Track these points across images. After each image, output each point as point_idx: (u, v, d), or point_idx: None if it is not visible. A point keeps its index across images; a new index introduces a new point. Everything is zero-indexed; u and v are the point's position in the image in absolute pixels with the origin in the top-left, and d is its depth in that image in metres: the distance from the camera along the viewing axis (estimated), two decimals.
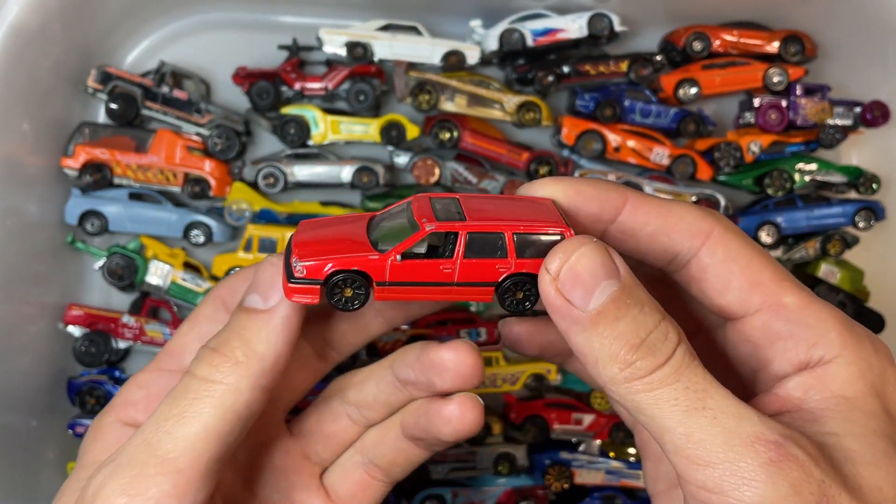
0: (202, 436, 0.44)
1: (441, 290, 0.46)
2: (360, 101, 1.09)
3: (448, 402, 0.52)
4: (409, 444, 0.57)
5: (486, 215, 0.45)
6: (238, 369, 0.45)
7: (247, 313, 0.47)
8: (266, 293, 0.47)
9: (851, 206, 1.17)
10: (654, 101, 1.15)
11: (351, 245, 0.45)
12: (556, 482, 1.16)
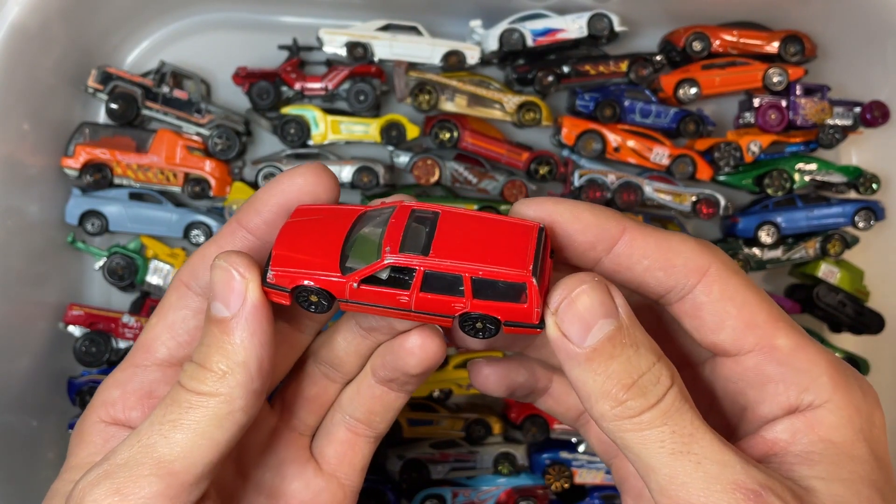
0: (198, 442, 0.45)
1: (399, 314, 0.47)
2: (360, 102, 1.09)
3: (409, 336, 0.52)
4: (382, 389, 0.57)
5: (449, 251, 0.45)
6: (226, 380, 0.46)
7: (216, 324, 0.47)
8: (226, 300, 0.46)
9: (851, 206, 1.17)
10: (654, 101, 1.15)
11: (322, 258, 0.46)
12: (556, 482, 1.16)
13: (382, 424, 0.60)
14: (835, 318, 1.18)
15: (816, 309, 1.17)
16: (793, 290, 1.23)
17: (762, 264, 1.17)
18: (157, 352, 0.52)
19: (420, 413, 1.16)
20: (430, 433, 1.16)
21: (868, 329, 1.19)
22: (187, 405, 0.45)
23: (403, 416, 1.15)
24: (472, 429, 1.15)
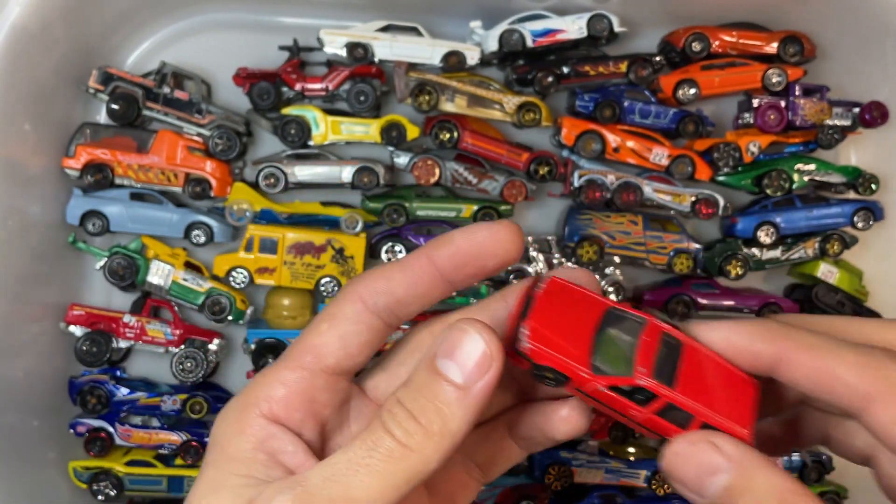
0: (387, 491, 0.46)
1: (622, 419, 0.50)
2: (360, 102, 1.10)
3: (563, 406, 0.54)
4: (512, 443, 0.57)
5: (690, 390, 0.47)
6: (431, 442, 0.46)
7: (443, 383, 0.47)
8: (464, 367, 0.47)
9: (850, 207, 1.17)
10: (654, 101, 1.15)
11: (574, 347, 0.48)
12: (556, 481, 1.16)
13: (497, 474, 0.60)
14: None
15: (815, 309, 1.17)
16: (792, 290, 1.23)
17: (761, 264, 1.18)
18: (326, 359, 0.52)
19: None
20: None
21: None
22: (388, 454, 0.46)
23: None
24: None
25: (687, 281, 1.19)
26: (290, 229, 1.11)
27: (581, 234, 1.15)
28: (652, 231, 1.16)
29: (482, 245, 0.51)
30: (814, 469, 1.21)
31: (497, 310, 0.53)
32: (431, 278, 0.51)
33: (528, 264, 1.14)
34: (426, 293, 0.52)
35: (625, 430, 1.17)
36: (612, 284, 1.14)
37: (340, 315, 0.52)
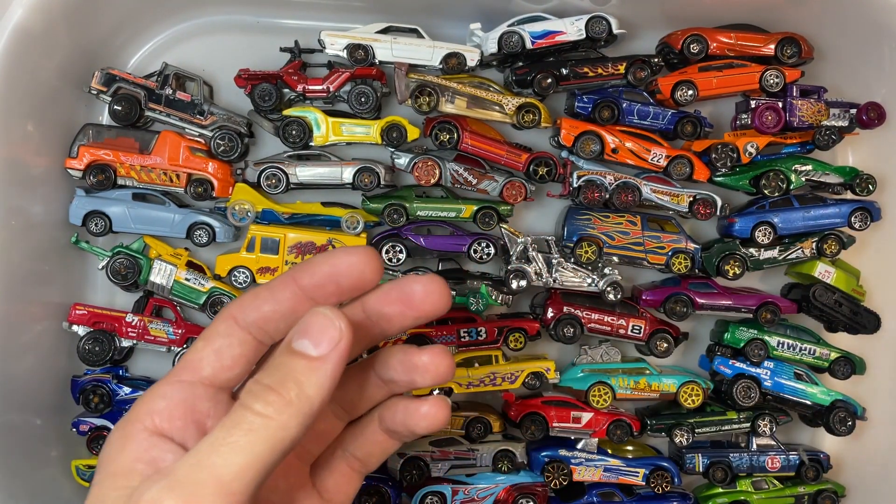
0: (253, 464, 0.48)
1: None
2: (361, 103, 1.10)
3: (424, 403, 0.60)
4: (384, 436, 0.64)
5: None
6: (290, 408, 0.50)
7: (299, 358, 0.51)
8: (318, 342, 0.51)
9: (847, 207, 1.18)
10: (652, 102, 1.16)
11: None
12: (555, 479, 1.17)
13: (376, 464, 0.66)
14: (831, 318, 1.19)
15: (813, 308, 1.18)
16: (789, 290, 1.24)
17: (759, 264, 1.18)
18: (202, 371, 0.56)
19: None
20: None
21: (864, 328, 1.20)
22: (248, 427, 0.49)
23: None
24: (471, 427, 1.16)
25: (685, 280, 1.20)
26: (291, 229, 1.12)
27: (580, 234, 1.15)
28: (650, 231, 1.17)
29: (339, 268, 0.56)
30: (811, 468, 1.21)
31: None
32: (294, 296, 0.57)
33: (528, 264, 1.14)
34: (291, 310, 0.56)
35: (624, 428, 1.18)
36: (611, 284, 1.15)
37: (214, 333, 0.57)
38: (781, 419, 1.22)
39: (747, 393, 1.19)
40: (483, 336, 1.16)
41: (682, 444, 1.20)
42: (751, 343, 1.19)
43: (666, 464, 1.20)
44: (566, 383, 1.19)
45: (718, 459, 1.20)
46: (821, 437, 1.26)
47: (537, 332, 1.17)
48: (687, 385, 1.18)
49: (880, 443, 1.23)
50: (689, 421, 1.20)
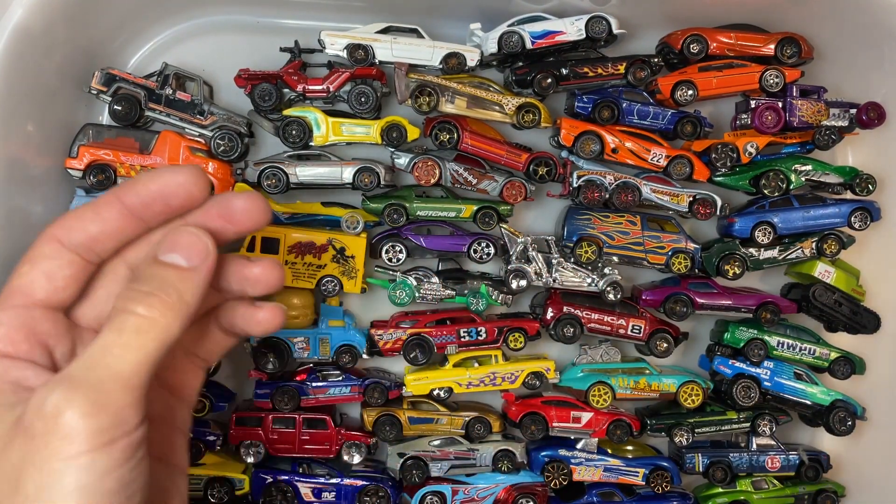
0: (146, 360, 0.53)
1: None
2: (361, 103, 1.10)
3: (260, 309, 0.65)
4: (223, 335, 0.68)
5: None
6: (172, 311, 0.56)
7: (171, 269, 0.57)
8: (189, 256, 0.58)
9: (847, 207, 1.18)
10: (652, 102, 1.16)
11: None
12: (555, 479, 1.17)
13: (216, 359, 0.74)
14: (831, 318, 1.19)
15: (813, 308, 1.18)
16: (789, 290, 1.24)
17: (759, 264, 1.19)
18: (35, 294, 0.59)
19: (420, 411, 1.18)
20: (430, 431, 1.17)
21: (864, 328, 1.20)
22: (135, 329, 0.54)
23: (404, 414, 1.16)
24: (471, 427, 1.16)
25: (685, 280, 1.20)
26: (291, 229, 1.12)
27: (580, 233, 1.15)
28: (650, 231, 1.17)
29: (166, 185, 0.60)
30: (811, 467, 1.21)
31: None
32: (121, 216, 0.60)
33: (528, 264, 1.14)
34: (118, 229, 0.60)
35: (624, 428, 1.18)
36: (611, 284, 1.15)
37: (40, 255, 0.59)
38: (781, 419, 1.22)
39: (747, 393, 1.19)
40: (483, 336, 1.16)
41: (682, 443, 1.20)
42: (751, 343, 1.19)
43: (666, 464, 1.20)
44: (566, 383, 1.19)
45: (718, 459, 1.20)
46: (821, 437, 1.26)
47: (537, 332, 1.17)
48: (687, 385, 1.19)
49: (880, 443, 1.23)
50: (689, 421, 1.20)
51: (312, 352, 1.14)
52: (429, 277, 1.15)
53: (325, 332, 1.14)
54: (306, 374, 1.15)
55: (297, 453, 1.15)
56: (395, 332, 1.15)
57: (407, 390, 1.15)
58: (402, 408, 1.17)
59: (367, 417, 1.16)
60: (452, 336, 1.16)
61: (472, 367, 1.17)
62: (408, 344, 1.15)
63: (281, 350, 1.13)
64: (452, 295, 1.16)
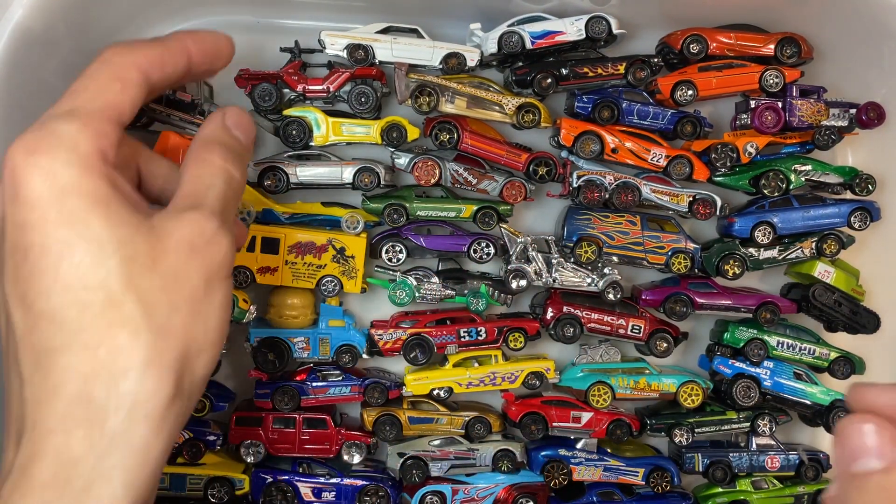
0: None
1: None
2: (361, 103, 1.10)
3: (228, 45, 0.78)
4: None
5: None
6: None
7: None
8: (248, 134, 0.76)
9: (847, 207, 1.18)
10: (652, 102, 1.16)
11: None
12: (555, 479, 1.17)
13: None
14: (831, 318, 1.19)
15: (813, 308, 1.18)
16: (789, 290, 1.24)
17: (759, 264, 1.19)
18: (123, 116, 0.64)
19: (420, 411, 1.18)
20: (430, 431, 1.17)
21: (864, 328, 1.20)
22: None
23: (404, 414, 1.17)
24: (471, 427, 1.16)
25: (685, 280, 1.20)
26: (291, 229, 1.12)
27: (580, 234, 1.16)
28: (650, 231, 1.17)
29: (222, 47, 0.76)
30: (811, 467, 1.22)
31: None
32: (184, 59, 0.70)
33: (528, 264, 1.14)
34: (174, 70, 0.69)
35: (623, 428, 1.18)
36: (611, 284, 1.15)
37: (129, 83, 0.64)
38: (781, 419, 1.22)
39: (747, 393, 1.19)
40: (483, 336, 1.17)
41: (682, 443, 1.20)
42: (750, 343, 1.19)
43: (666, 463, 1.20)
44: (566, 383, 1.19)
45: (718, 459, 1.21)
46: (821, 437, 1.26)
47: (537, 332, 1.17)
48: (687, 385, 1.19)
49: None
50: (688, 421, 1.20)
51: (312, 352, 1.14)
52: (429, 277, 1.16)
53: (325, 332, 1.14)
54: (306, 374, 1.15)
55: (297, 453, 1.15)
56: (395, 332, 1.15)
57: (407, 390, 1.15)
58: (402, 408, 1.17)
59: (367, 417, 1.16)
60: (452, 336, 1.16)
61: (472, 367, 1.17)
62: (408, 344, 1.15)
63: (281, 350, 1.13)
64: (452, 295, 1.16)
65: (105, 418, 0.54)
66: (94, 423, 0.54)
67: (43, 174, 0.55)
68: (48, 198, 0.55)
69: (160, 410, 0.56)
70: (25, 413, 0.55)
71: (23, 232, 0.56)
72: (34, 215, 0.55)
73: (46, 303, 0.55)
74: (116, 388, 0.54)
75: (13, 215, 0.56)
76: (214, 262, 0.62)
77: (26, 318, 0.55)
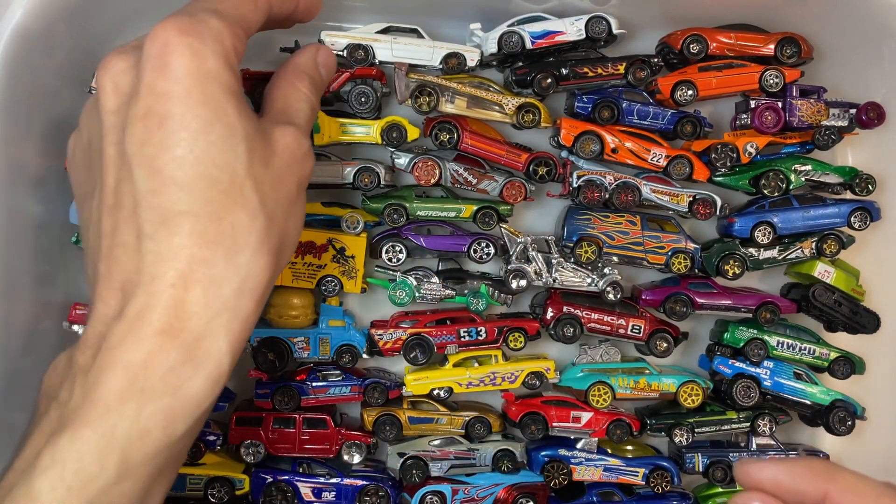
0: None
1: None
2: (361, 103, 1.10)
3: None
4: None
5: None
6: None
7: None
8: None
9: (847, 207, 1.18)
10: (652, 102, 1.16)
11: None
12: (555, 479, 1.17)
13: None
14: (831, 318, 1.19)
15: (813, 308, 1.18)
16: (789, 290, 1.24)
17: (759, 264, 1.19)
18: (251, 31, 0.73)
19: (420, 411, 1.18)
20: (430, 431, 1.17)
21: (864, 328, 1.20)
22: None
23: (404, 414, 1.17)
24: (471, 427, 1.16)
25: (685, 280, 1.20)
26: None
27: (580, 234, 1.16)
28: (650, 231, 1.17)
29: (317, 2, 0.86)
30: None
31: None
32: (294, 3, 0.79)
33: (528, 264, 1.14)
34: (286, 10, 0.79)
35: (623, 427, 1.18)
36: (611, 284, 1.15)
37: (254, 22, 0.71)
38: (781, 419, 1.22)
39: (747, 392, 1.19)
40: (483, 336, 1.17)
41: (682, 443, 1.20)
42: (750, 343, 1.19)
43: (666, 463, 1.20)
44: (566, 383, 1.19)
45: (718, 459, 1.21)
46: (821, 437, 1.26)
47: (537, 332, 1.17)
48: (687, 385, 1.19)
49: (880, 443, 1.23)
50: (688, 421, 1.20)
51: (312, 352, 1.14)
52: (429, 277, 1.16)
53: (325, 332, 1.14)
54: (306, 374, 1.15)
55: (297, 453, 1.15)
56: (395, 332, 1.15)
57: (407, 390, 1.15)
58: (402, 408, 1.17)
59: (367, 417, 1.16)
60: (452, 336, 1.16)
61: (472, 366, 1.17)
62: (408, 344, 1.15)
63: (281, 350, 1.13)
64: (452, 295, 1.16)
65: (221, 283, 0.60)
66: (211, 285, 0.59)
67: (193, 54, 0.61)
68: (195, 77, 0.61)
69: (262, 289, 0.63)
70: (143, 266, 0.59)
71: (164, 101, 0.60)
72: (178, 88, 0.60)
73: (178, 170, 0.60)
74: (235, 258, 0.61)
75: (156, 84, 0.61)
76: (304, 175, 0.70)
77: (152, 180, 0.60)
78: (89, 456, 0.57)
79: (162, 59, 0.62)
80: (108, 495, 0.57)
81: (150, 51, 0.63)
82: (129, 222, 0.61)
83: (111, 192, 0.64)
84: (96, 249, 0.65)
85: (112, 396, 0.57)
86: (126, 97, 0.64)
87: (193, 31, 0.63)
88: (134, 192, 0.61)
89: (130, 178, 0.61)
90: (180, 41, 0.62)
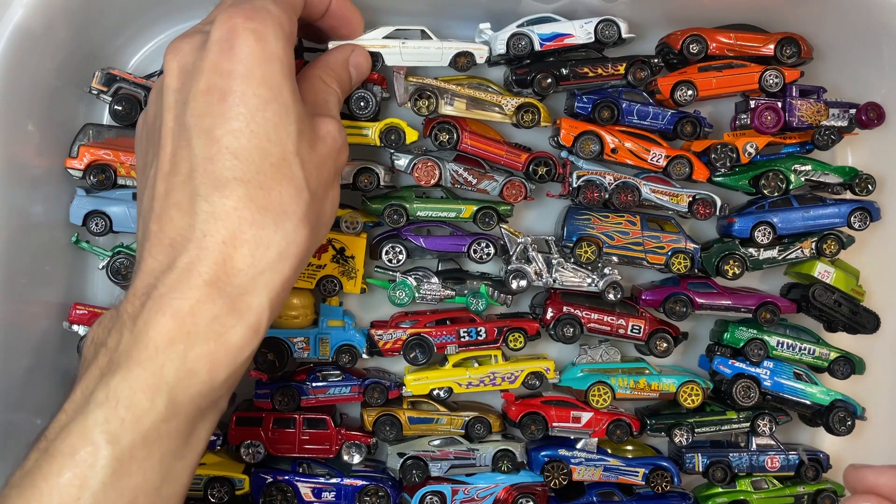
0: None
1: None
2: (361, 108, 1.10)
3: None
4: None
5: None
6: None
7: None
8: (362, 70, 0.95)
9: (847, 207, 1.18)
10: (652, 103, 1.16)
11: None
12: (555, 479, 1.17)
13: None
14: (831, 318, 1.19)
15: (812, 308, 1.18)
16: (789, 290, 1.24)
17: (759, 264, 1.19)
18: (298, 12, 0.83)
19: (420, 411, 1.18)
20: (430, 431, 1.17)
21: (864, 328, 1.20)
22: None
23: (404, 414, 1.17)
24: (471, 427, 1.16)
25: (684, 280, 1.20)
26: None
27: (579, 234, 1.16)
28: (650, 231, 1.17)
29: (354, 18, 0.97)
30: (811, 467, 1.22)
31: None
32: (325, 5, 0.88)
33: (528, 264, 1.14)
34: (318, 11, 0.88)
35: (623, 428, 1.18)
36: (611, 284, 1.15)
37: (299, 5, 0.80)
38: (781, 419, 1.22)
39: (747, 393, 1.19)
40: (483, 336, 1.17)
41: (682, 443, 1.20)
42: (750, 343, 1.19)
43: (666, 463, 1.20)
44: (566, 383, 1.19)
45: (718, 459, 1.21)
46: (821, 437, 1.26)
47: (537, 332, 1.17)
48: (686, 385, 1.19)
49: (880, 443, 1.23)
50: (688, 421, 1.20)
51: (312, 352, 1.14)
52: (429, 278, 1.16)
53: (325, 332, 1.14)
54: (306, 374, 1.15)
55: (297, 453, 1.15)
56: (395, 332, 1.15)
57: (407, 390, 1.15)
58: (402, 408, 1.17)
59: (367, 417, 1.16)
60: (452, 336, 1.16)
61: (472, 367, 1.17)
62: (408, 344, 1.15)
63: (281, 350, 1.13)
64: (452, 295, 1.16)
65: (268, 245, 0.66)
66: (259, 246, 0.65)
67: (257, 38, 0.68)
68: (258, 58, 0.67)
69: (302, 256, 0.69)
70: (195, 223, 0.65)
71: (227, 79, 0.67)
72: (241, 68, 0.67)
73: (234, 141, 0.66)
74: (281, 225, 0.67)
75: (221, 64, 0.68)
76: (341, 163, 0.78)
77: (209, 148, 0.66)
78: (141, 393, 0.61)
79: (229, 42, 0.68)
80: (158, 431, 0.62)
81: (218, 34, 0.69)
82: (184, 186, 0.66)
83: (168, 160, 0.69)
84: (149, 210, 0.69)
85: (161, 339, 0.62)
86: (189, 76, 0.69)
87: (257, 16, 0.69)
88: (191, 159, 0.66)
89: (189, 146, 0.67)
90: (246, 26, 0.68)
